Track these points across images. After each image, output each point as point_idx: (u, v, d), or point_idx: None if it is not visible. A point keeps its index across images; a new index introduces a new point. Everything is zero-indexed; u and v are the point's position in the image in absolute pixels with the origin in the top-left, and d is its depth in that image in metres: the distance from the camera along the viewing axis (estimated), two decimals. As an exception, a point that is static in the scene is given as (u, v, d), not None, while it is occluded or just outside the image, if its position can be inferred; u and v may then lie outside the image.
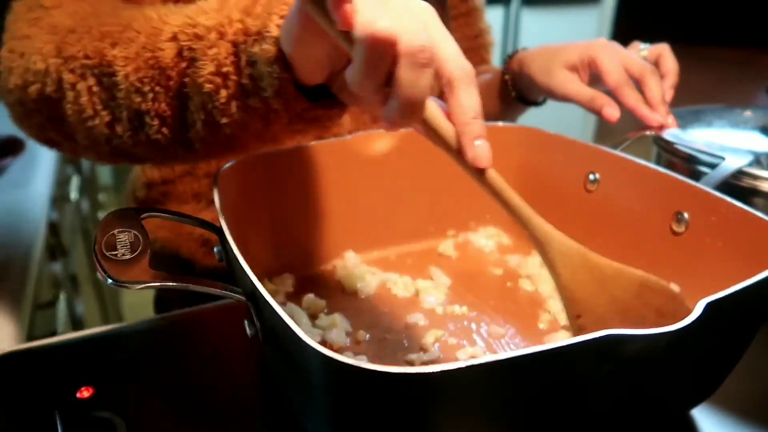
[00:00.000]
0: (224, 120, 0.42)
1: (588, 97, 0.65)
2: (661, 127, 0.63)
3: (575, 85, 0.66)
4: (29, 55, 0.48)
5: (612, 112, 0.63)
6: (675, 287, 0.44)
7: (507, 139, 0.64)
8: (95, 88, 0.45)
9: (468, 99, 0.35)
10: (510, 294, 0.58)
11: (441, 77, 0.35)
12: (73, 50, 0.45)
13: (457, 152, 0.37)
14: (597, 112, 0.64)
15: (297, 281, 0.59)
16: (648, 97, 0.63)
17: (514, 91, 0.75)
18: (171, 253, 0.72)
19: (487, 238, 0.66)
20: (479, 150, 0.37)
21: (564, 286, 0.41)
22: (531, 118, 0.79)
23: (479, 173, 0.38)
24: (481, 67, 0.87)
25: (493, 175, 0.39)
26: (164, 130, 0.45)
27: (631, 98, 0.62)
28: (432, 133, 0.37)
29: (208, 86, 0.41)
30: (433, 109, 0.36)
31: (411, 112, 0.34)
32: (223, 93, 0.41)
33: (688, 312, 0.39)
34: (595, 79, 0.66)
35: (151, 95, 0.43)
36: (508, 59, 0.76)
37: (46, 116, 0.49)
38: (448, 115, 0.36)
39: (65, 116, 0.47)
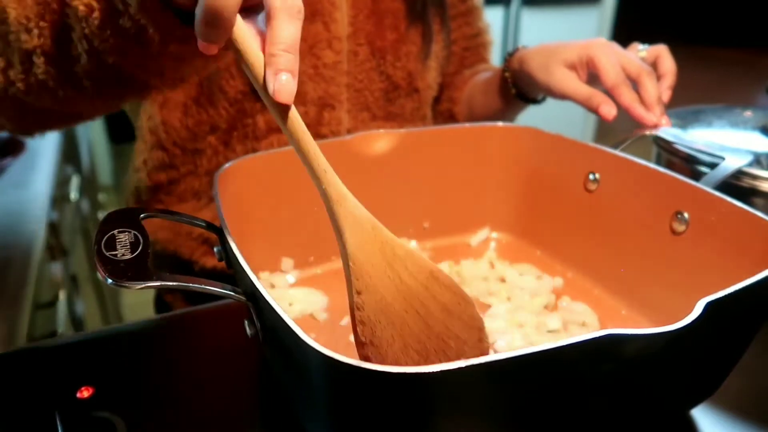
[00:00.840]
0: (102, 46, 0.42)
1: (585, 95, 0.66)
2: (656, 127, 0.63)
3: (573, 83, 0.67)
4: None
5: (609, 110, 0.64)
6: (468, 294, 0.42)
7: (507, 139, 0.64)
8: None
9: (284, 31, 0.34)
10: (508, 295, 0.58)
11: (265, 6, 0.34)
12: None
13: (262, 85, 0.34)
14: (594, 110, 0.65)
15: (297, 280, 0.59)
16: (644, 97, 0.63)
17: (514, 89, 0.76)
18: (171, 253, 0.72)
19: (487, 240, 0.66)
20: (282, 83, 0.34)
21: (351, 254, 0.38)
22: (531, 118, 0.79)
23: (280, 110, 0.35)
24: (480, 65, 0.88)
25: (293, 116, 0.35)
26: (50, 68, 0.45)
27: (627, 97, 0.63)
28: (240, 58, 0.35)
29: (81, 9, 0.41)
30: (244, 32, 0.35)
31: (213, 24, 0.33)
32: (96, 15, 0.41)
33: (475, 315, 0.40)
34: (593, 78, 0.66)
35: (36, 32, 0.44)
36: (509, 57, 0.76)
37: None
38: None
39: None
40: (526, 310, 0.55)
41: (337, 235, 0.38)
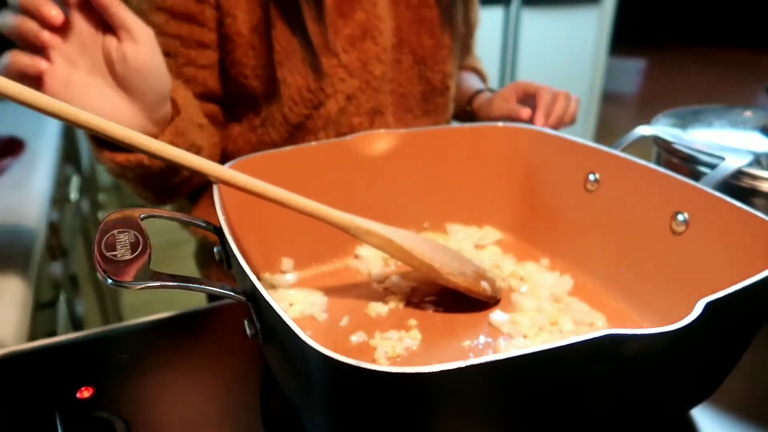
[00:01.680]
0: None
1: (515, 108, 0.76)
2: (531, 121, 0.73)
3: (507, 103, 0.79)
4: None
5: (527, 112, 0.74)
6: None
7: (507, 139, 0.64)
8: None
9: None
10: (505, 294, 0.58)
11: None
12: None
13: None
14: (516, 115, 0.75)
15: (297, 280, 0.59)
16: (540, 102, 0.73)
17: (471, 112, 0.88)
18: None
19: (486, 238, 0.66)
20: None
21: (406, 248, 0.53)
22: (531, 118, 0.79)
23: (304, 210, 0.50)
24: (467, 60, 0.92)
25: (304, 202, 0.50)
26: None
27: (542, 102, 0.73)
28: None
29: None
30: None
31: None
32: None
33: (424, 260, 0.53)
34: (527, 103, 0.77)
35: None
36: (472, 98, 0.88)
37: None
38: None
39: None
40: (534, 311, 0.55)
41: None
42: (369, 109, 0.72)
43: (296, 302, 0.55)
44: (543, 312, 0.54)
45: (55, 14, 0.44)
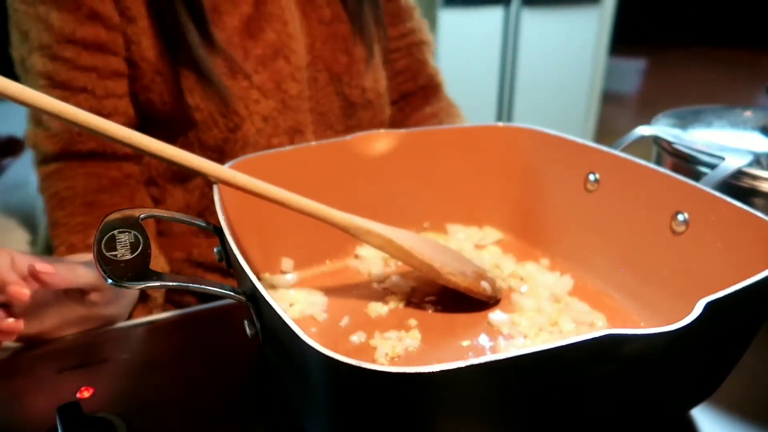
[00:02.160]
0: None
1: None
2: None
3: None
4: None
5: None
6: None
7: (507, 139, 0.64)
8: None
9: None
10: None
11: None
12: None
13: None
14: None
15: (297, 280, 0.59)
16: None
17: None
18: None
19: (486, 238, 0.66)
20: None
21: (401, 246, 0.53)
22: (531, 118, 0.79)
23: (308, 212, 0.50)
24: (420, 76, 0.87)
25: (307, 203, 0.50)
26: None
27: None
28: None
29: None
30: None
31: None
32: None
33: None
34: None
35: None
36: None
37: None
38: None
39: None
40: (535, 311, 0.55)
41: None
42: (287, 129, 0.71)
43: (296, 302, 0.55)
44: (543, 312, 0.54)
45: (25, 293, 0.45)
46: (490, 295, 0.55)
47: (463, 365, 0.29)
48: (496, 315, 0.54)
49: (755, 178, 0.57)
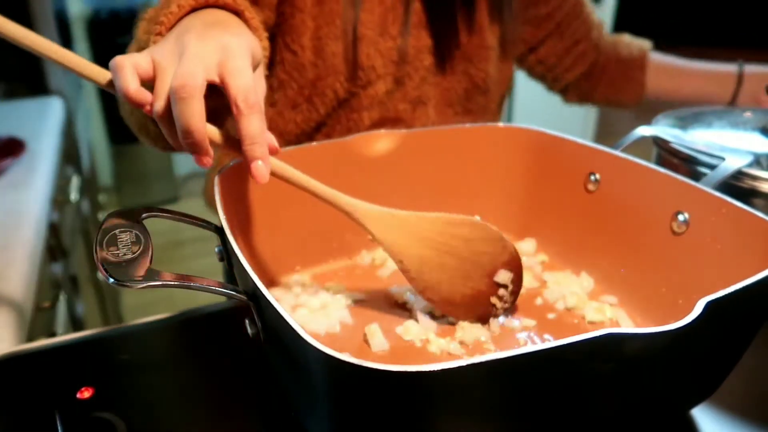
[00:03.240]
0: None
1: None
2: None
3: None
4: None
5: None
6: (477, 218, 0.53)
7: (507, 139, 0.64)
8: None
9: (248, 127, 0.41)
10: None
11: (232, 108, 0.41)
12: None
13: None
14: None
15: (304, 280, 0.59)
16: None
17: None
18: None
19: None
20: (257, 170, 0.42)
21: (380, 240, 0.51)
22: (531, 118, 0.79)
23: (294, 180, 0.48)
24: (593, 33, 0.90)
25: (290, 173, 0.48)
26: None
27: None
28: (225, 148, 0.44)
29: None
30: (214, 132, 0.43)
31: (184, 136, 0.41)
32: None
33: (490, 230, 0.52)
34: None
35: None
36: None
37: None
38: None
39: None
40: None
41: (367, 231, 0.51)
42: (414, 98, 0.74)
43: (301, 303, 0.55)
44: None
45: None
46: (470, 322, 0.53)
47: (464, 364, 0.29)
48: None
49: (755, 178, 0.57)
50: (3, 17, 0.40)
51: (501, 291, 0.53)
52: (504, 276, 0.53)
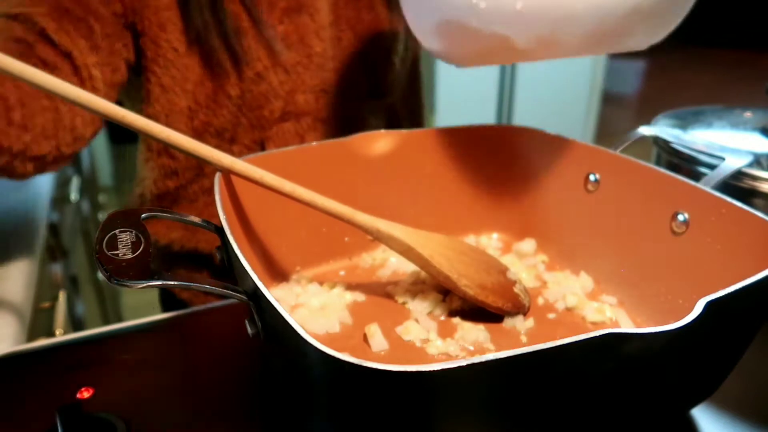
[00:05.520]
0: None
1: None
2: None
3: None
4: None
5: None
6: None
7: (507, 139, 0.64)
8: None
9: None
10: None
11: None
12: None
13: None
14: None
15: (305, 280, 0.59)
16: None
17: None
18: (190, 250, 0.73)
19: (489, 240, 0.66)
20: None
21: (408, 244, 0.52)
22: (531, 118, 0.79)
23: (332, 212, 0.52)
24: None
25: (324, 201, 0.51)
26: None
27: None
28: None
29: None
30: None
31: None
32: None
33: (494, 262, 0.55)
34: None
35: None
36: None
37: None
38: None
39: None
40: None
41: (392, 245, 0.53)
42: (313, 87, 0.71)
43: (301, 303, 0.55)
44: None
45: None
46: (507, 310, 0.53)
47: (464, 364, 0.29)
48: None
49: (755, 178, 0.57)
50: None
51: (518, 285, 0.55)
52: (513, 274, 0.55)
